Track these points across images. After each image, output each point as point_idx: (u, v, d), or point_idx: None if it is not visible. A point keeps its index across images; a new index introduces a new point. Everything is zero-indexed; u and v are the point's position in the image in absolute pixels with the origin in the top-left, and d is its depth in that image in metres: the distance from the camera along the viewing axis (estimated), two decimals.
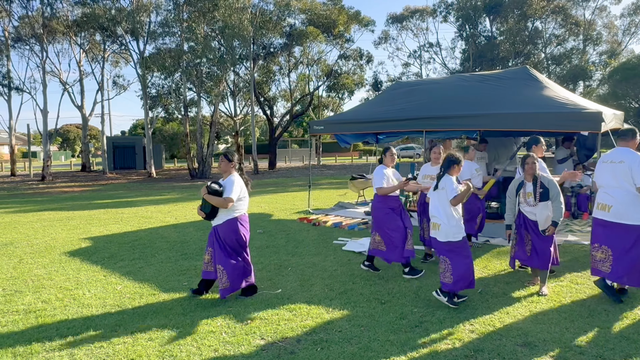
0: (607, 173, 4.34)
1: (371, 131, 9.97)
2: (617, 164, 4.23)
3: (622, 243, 4.22)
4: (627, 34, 30.87)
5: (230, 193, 4.47)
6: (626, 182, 4.16)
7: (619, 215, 4.22)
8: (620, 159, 4.23)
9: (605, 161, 4.42)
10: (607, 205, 4.30)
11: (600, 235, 4.39)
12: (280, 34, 27.38)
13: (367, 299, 4.59)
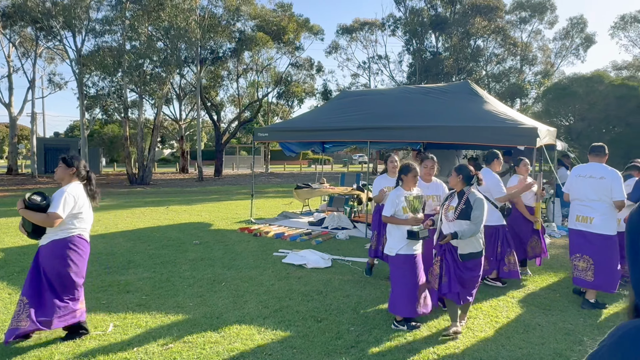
0: (588, 187, 4.64)
1: (316, 140, 9.81)
2: (599, 180, 4.56)
3: (603, 252, 4.54)
4: (559, 56, 33.06)
5: (55, 208, 3.47)
6: (606, 197, 4.52)
7: (600, 227, 4.55)
8: (601, 175, 4.57)
9: (583, 175, 4.69)
10: (589, 218, 4.62)
11: (581, 246, 4.68)
12: (230, 39, 26.81)
13: (303, 316, 4.34)
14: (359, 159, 50.91)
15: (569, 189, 4.86)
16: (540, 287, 5.35)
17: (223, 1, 24.23)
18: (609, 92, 22.96)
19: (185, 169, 31.58)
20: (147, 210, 11.84)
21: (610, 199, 4.51)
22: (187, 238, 8.11)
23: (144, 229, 9.01)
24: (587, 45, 32.00)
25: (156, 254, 6.89)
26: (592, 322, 4.21)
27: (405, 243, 3.96)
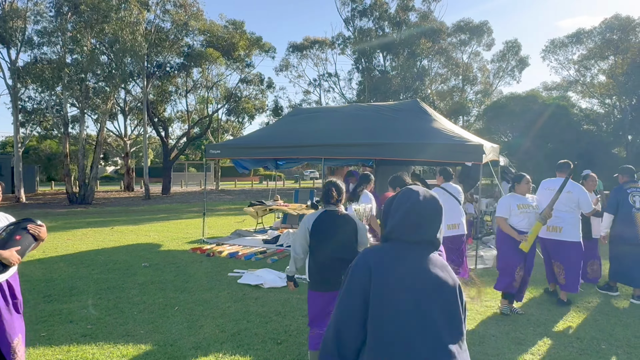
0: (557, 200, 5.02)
1: (269, 157, 9.74)
2: (566, 193, 5.03)
3: (571, 257, 5.13)
4: (496, 77, 35.17)
5: None
6: (573, 208, 5.14)
7: (569, 235, 5.15)
8: (568, 189, 5.07)
9: (551, 189, 5.11)
10: (558, 227, 5.18)
11: (553, 253, 5.30)
12: (178, 54, 26.32)
13: (262, 339, 4.22)
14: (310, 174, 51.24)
15: (539, 201, 5.18)
16: (491, 297, 5.54)
17: (171, 16, 23.79)
18: (542, 110, 24.63)
19: (131, 186, 30.28)
20: (89, 232, 11.19)
21: (576, 210, 5.16)
22: (135, 260, 7.72)
23: (87, 252, 8.49)
24: (521, 67, 34.30)
25: (101, 278, 6.50)
26: (540, 331, 4.40)
27: None
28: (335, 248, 3.26)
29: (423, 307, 1.50)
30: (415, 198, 1.64)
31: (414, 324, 1.49)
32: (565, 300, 5.23)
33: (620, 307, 5.15)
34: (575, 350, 3.94)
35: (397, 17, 31.11)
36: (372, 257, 1.56)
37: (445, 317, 1.52)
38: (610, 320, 4.70)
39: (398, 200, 1.66)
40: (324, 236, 3.29)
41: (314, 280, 3.41)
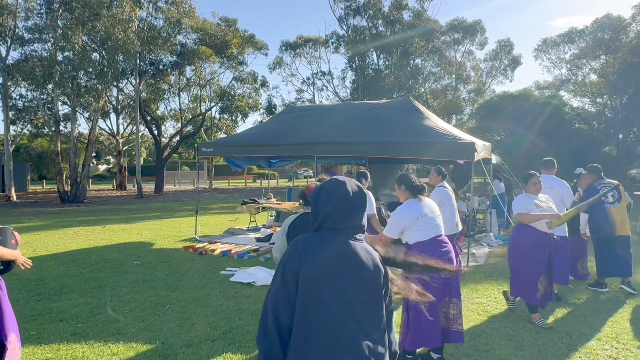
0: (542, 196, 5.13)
1: (262, 154, 9.72)
2: (549, 189, 5.24)
3: (559, 251, 5.11)
4: (489, 75, 35.32)
5: None
6: (558, 204, 5.23)
7: (555, 229, 5.03)
8: (551, 185, 5.34)
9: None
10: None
11: None
12: (171, 52, 26.15)
13: (254, 337, 4.22)
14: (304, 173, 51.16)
15: None
16: (483, 294, 5.57)
17: (163, 13, 23.64)
18: (534, 109, 24.79)
19: (123, 185, 30.10)
20: (81, 230, 11.11)
21: (561, 205, 5.28)
22: (127, 259, 7.68)
23: (79, 251, 8.43)
24: (514, 66, 34.46)
25: (93, 277, 6.46)
26: (530, 328, 4.43)
27: None
28: None
29: (343, 290, 1.63)
30: (344, 189, 1.74)
31: (334, 307, 1.61)
32: (556, 292, 5.35)
33: (609, 304, 5.21)
34: (565, 346, 3.98)
35: (390, 16, 31.14)
36: (301, 245, 1.67)
37: (364, 301, 1.65)
38: (599, 317, 4.74)
39: (327, 192, 1.75)
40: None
41: None
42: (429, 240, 3.45)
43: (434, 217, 3.54)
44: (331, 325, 1.59)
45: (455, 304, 3.49)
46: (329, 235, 1.70)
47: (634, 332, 4.31)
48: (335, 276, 1.63)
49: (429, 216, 3.51)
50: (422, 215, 3.49)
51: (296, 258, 1.65)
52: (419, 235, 3.45)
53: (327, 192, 1.75)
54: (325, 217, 1.72)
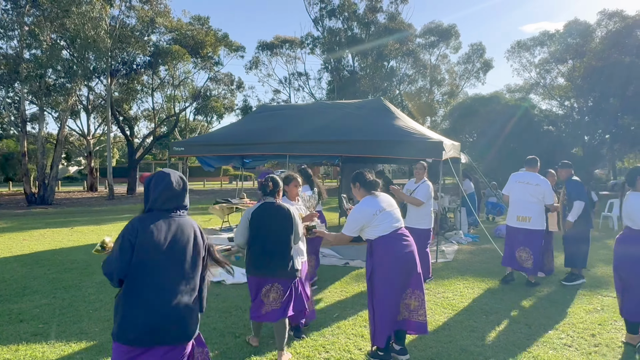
0: (526, 192, 5.75)
1: (235, 154, 9.68)
2: (534, 186, 5.69)
3: (538, 244, 5.69)
4: (462, 78, 36.00)
5: None
6: (540, 200, 5.67)
7: (536, 224, 5.69)
8: (536, 182, 5.71)
9: (521, 182, 5.82)
10: (527, 217, 5.72)
11: (522, 240, 5.75)
12: (144, 51, 25.72)
13: (221, 333, 4.21)
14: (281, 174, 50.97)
15: (510, 192, 5.95)
16: (449, 289, 5.70)
17: (136, 12, 23.24)
18: (505, 111, 25.42)
19: (94, 187, 29.39)
20: (47, 232, 10.81)
21: (542, 202, 5.69)
22: (94, 260, 7.52)
23: (44, 252, 8.21)
24: (486, 69, 35.23)
25: (57, 278, 6.31)
26: (492, 319, 4.56)
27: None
28: (271, 235, 3.56)
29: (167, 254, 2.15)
30: (168, 179, 2.24)
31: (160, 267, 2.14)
32: (533, 281, 5.79)
33: (568, 296, 5.40)
34: (524, 336, 4.11)
35: (365, 18, 31.42)
36: (138, 222, 2.17)
37: (182, 262, 2.19)
38: (558, 308, 4.92)
39: (155, 181, 2.24)
40: (262, 225, 3.58)
41: (252, 266, 3.61)
42: (390, 234, 3.51)
43: (392, 211, 3.61)
44: (155, 279, 2.13)
45: (417, 296, 3.56)
46: (158, 214, 2.21)
47: (589, 321, 4.48)
48: (162, 244, 2.14)
49: (387, 210, 3.57)
50: (379, 210, 3.54)
51: (134, 231, 2.13)
52: (380, 230, 3.51)
53: (156, 181, 2.23)
54: (154, 200, 2.21)
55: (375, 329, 3.49)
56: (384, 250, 3.48)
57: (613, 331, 4.23)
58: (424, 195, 6.04)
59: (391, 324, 3.49)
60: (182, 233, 2.22)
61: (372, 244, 3.57)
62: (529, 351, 3.77)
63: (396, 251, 3.47)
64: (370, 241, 3.58)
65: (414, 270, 3.54)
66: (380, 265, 3.48)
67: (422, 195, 6.03)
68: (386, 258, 3.46)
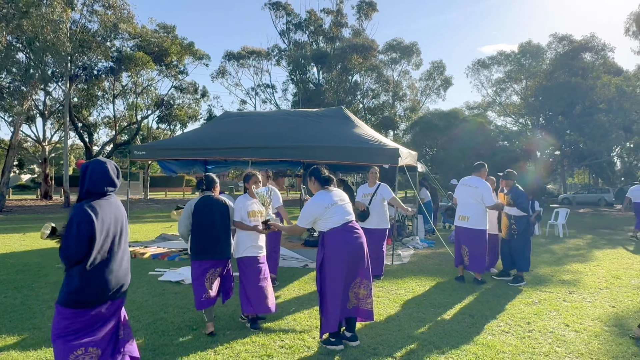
0: (467, 194, 6.14)
1: (197, 158, 9.72)
2: (474, 188, 6.07)
3: (475, 242, 6.04)
4: (424, 94, 37.33)
5: None
6: (478, 201, 6.01)
7: (474, 223, 6.05)
8: (476, 185, 6.09)
9: (465, 184, 6.25)
10: (467, 217, 6.10)
11: (462, 238, 6.16)
12: (106, 57, 25.25)
13: (178, 326, 4.29)
14: None
15: (457, 195, 6.37)
16: (402, 287, 5.97)
17: (99, 16, 22.86)
18: (462, 126, 26.50)
19: (49, 195, 28.28)
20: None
21: (482, 203, 6.01)
22: (48, 262, 7.37)
23: None
24: (446, 86, 36.67)
25: (9, 279, 6.16)
26: (439, 312, 4.85)
27: (250, 245, 4.23)
28: (211, 224, 4.08)
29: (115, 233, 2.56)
30: (106, 166, 2.57)
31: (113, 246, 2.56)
32: (480, 279, 6.15)
33: (510, 291, 5.78)
34: (467, 325, 4.41)
35: (331, 33, 32.12)
36: (89, 207, 2.46)
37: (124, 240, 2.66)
38: (500, 301, 5.27)
39: (92, 168, 2.54)
40: (202, 215, 4.10)
41: (194, 251, 4.10)
42: (341, 226, 3.74)
43: (344, 205, 3.84)
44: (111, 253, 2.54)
45: (365, 285, 3.79)
46: (97, 197, 2.52)
47: (526, 312, 4.85)
48: (110, 225, 2.52)
49: (339, 204, 3.81)
50: (332, 204, 3.77)
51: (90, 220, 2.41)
52: (332, 222, 3.73)
53: (93, 168, 2.53)
54: (89, 187, 2.51)
55: (325, 316, 3.68)
56: (334, 241, 3.69)
57: (547, 320, 4.59)
58: (389, 193, 6.41)
59: (341, 310, 3.70)
60: (118, 210, 2.63)
61: (323, 235, 3.78)
62: (470, 337, 4.06)
63: (346, 242, 3.69)
64: (322, 233, 3.79)
65: (363, 261, 3.77)
66: (330, 255, 3.69)
67: (388, 193, 6.39)
68: (337, 248, 3.67)
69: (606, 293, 5.74)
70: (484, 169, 6.33)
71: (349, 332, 3.85)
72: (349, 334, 3.85)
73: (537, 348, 3.82)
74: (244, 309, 4.25)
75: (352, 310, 3.79)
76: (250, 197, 4.41)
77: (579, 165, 31.28)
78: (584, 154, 28.12)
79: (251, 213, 4.30)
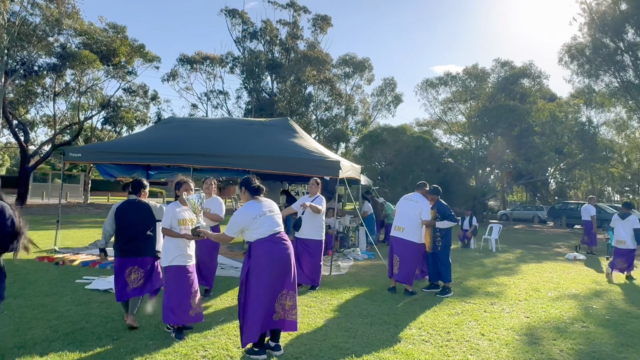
0: (407, 207, 6.46)
1: (137, 162, 9.46)
2: (414, 202, 6.44)
3: (406, 253, 6.28)
4: (375, 109, 38.32)
5: None
6: (417, 215, 6.32)
7: (408, 235, 6.32)
8: (417, 200, 6.45)
9: (406, 199, 6.62)
10: (402, 227, 6.37)
11: (395, 248, 6.40)
12: (49, 53, 24.04)
13: (99, 336, 4.15)
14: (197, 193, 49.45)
15: (397, 207, 6.68)
16: (336, 297, 6.08)
17: (41, 10, 21.77)
18: (410, 142, 27.39)
19: None
20: None
21: (419, 217, 6.32)
22: None
23: None
24: (396, 102, 37.84)
25: None
26: (367, 321, 4.99)
27: (178, 254, 4.20)
28: (130, 225, 4.47)
29: None
30: None
31: None
32: (410, 290, 6.38)
33: (437, 303, 6.04)
34: (390, 334, 4.57)
35: (286, 44, 32.35)
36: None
37: None
38: (426, 312, 5.50)
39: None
40: (123, 217, 4.49)
41: (116, 249, 4.48)
42: (269, 237, 3.79)
43: (272, 216, 3.90)
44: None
45: (291, 296, 3.85)
46: None
47: (448, 322, 5.09)
48: None
49: (267, 215, 3.86)
50: (260, 214, 3.81)
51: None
52: (259, 233, 3.78)
53: None
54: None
55: (245, 327, 3.69)
56: (261, 251, 3.73)
57: (466, 329, 4.85)
58: (320, 203, 6.50)
59: (266, 322, 3.73)
60: None
61: (250, 245, 3.81)
62: (391, 345, 4.22)
63: (273, 253, 3.75)
64: (250, 243, 3.82)
65: (290, 272, 3.84)
66: (256, 266, 3.72)
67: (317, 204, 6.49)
68: (263, 259, 3.72)
69: (524, 304, 6.13)
70: (425, 187, 6.71)
71: (273, 342, 3.89)
72: (273, 343, 3.89)
73: (451, 356, 4.03)
74: (166, 319, 4.18)
75: (278, 322, 3.84)
76: (181, 204, 4.37)
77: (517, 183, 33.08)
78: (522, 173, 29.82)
79: (182, 221, 4.27)
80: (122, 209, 4.52)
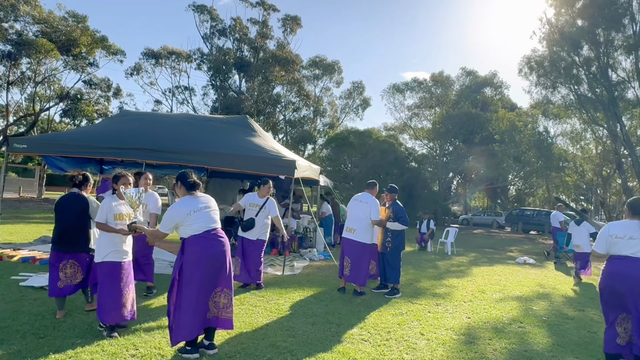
0: (356, 208, 6.43)
1: (87, 156, 9.12)
2: (364, 204, 6.38)
3: (358, 255, 6.28)
4: (343, 112, 38.48)
5: None
6: (366, 216, 6.29)
7: (358, 236, 6.30)
8: (366, 200, 6.40)
9: (356, 200, 6.57)
10: (353, 229, 6.35)
11: (346, 250, 6.39)
12: (3, 39, 22.94)
13: (23, 335, 3.95)
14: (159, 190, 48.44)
15: (348, 209, 6.63)
16: (283, 297, 6.04)
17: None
18: (376, 146, 27.70)
19: None
20: None
21: (369, 218, 6.28)
22: None
23: None
24: (364, 106, 38.13)
25: None
26: (311, 321, 4.97)
27: (112, 250, 4.08)
28: (66, 219, 4.49)
29: None
30: None
31: None
32: (359, 291, 6.42)
33: (384, 303, 6.09)
34: (331, 334, 4.56)
35: (256, 43, 32.10)
36: None
37: None
38: (370, 312, 5.54)
39: None
40: (63, 210, 4.53)
41: (52, 241, 4.51)
42: (203, 233, 3.70)
43: (209, 212, 3.82)
44: None
45: (226, 294, 3.78)
46: None
47: (390, 322, 5.14)
48: None
49: (203, 211, 3.77)
50: (195, 210, 3.72)
51: None
52: (193, 229, 3.68)
53: None
54: None
55: (176, 325, 3.59)
56: (194, 248, 3.64)
57: (406, 329, 4.90)
58: (275, 211, 6.47)
59: (200, 320, 3.65)
60: None
61: (184, 241, 3.72)
62: (329, 345, 4.21)
63: (207, 250, 3.66)
64: (183, 239, 3.73)
65: (224, 269, 3.77)
66: (189, 263, 3.63)
67: (274, 210, 6.45)
68: (196, 256, 3.63)
69: (468, 305, 6.27)
70: (375, 187, 6.69)
71: (207, 341, 3.81)
72: (207, 342, 3.80)
73: (387, 355, 4.06)
74: (99, 317, 4.03)
75: (211, 319, 3.76)
76: (118, 198, 4.23)
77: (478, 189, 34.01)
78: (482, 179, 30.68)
79: (118, 216, 4.13)
80: (61, 201, 4.57)
